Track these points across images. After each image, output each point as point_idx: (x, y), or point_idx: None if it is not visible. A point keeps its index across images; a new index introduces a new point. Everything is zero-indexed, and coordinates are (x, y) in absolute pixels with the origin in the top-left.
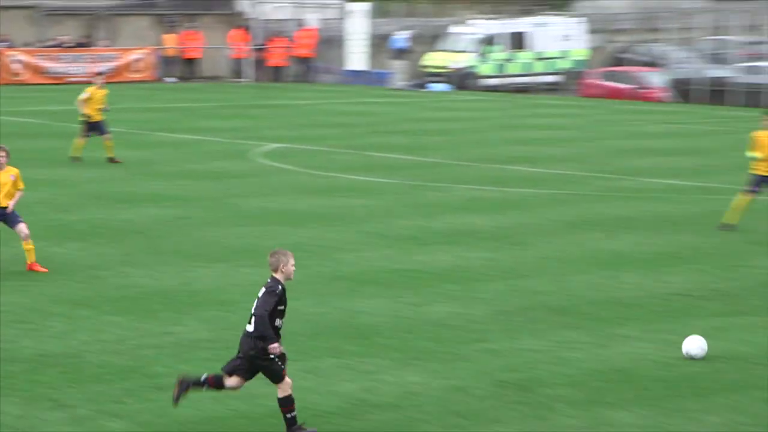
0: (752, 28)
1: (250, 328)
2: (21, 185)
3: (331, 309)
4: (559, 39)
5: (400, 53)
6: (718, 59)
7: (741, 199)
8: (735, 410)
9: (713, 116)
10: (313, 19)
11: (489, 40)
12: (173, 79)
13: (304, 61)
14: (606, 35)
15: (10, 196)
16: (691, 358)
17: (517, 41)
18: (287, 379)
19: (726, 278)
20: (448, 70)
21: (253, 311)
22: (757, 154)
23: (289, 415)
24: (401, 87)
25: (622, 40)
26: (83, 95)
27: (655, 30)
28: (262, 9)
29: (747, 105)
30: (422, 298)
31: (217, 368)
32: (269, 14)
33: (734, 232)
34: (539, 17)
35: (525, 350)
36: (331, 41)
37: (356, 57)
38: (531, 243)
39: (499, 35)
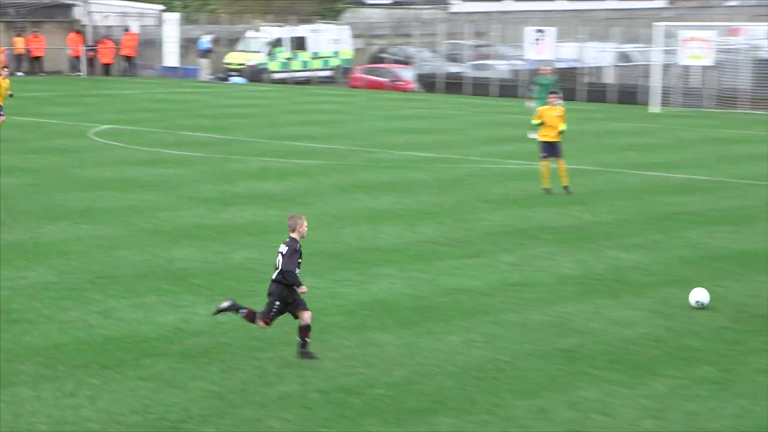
0: (479, 35)
1: (274, 275)
2: None
3: (153, 257)
4: (331, 42)
5: (205, 53)
6: (453, 58)
7: (542, 165)
8: (470, 331)
9: (451, 103)
10: (135, 26)
11: (276, 43)
12: (21, 73)
13: (128, 59)
14: (367, 39)
15: None
16: (702, 306)
17: (299, 44)
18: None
19: (462, 229)
20: (245, 67)
21: (281, 266)
22: (536, 122)
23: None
24: (207, 80)
25: (380, 43)
26: None
27: (405, 35)
28: (94, 17)
29: (476, 94)
30: (227, 247)
31: (63, 305)
32: (100, 21)
33: (468, 193)
34: (315, 25)
35: (308, 287)
36: (150, 43)
37: (170, 56)
38: (312, 203)
39: (285, 39)
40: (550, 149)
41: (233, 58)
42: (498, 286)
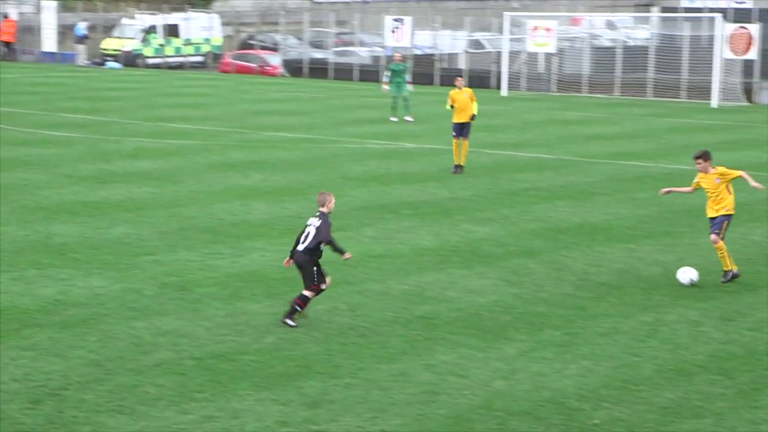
0: (341, 23)
1: (302, 247)
2: None
3: (33, 232)
4: (202, 29)
5: (82, 39)
6: (318, 45)
7: (454, 144)
8: (334, 300)
9: (316, 87)
10: (14, 12)
11: (150, 30)
12: None
13: (7, 44)
14: (236, 27)
15: None
16: (693, 283)
17: (171, 31)
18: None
19: None
20: (120, 52)
21: (322, 238)
22: (449, 106)
23: (298, 308)
24: (84, 65)
25: (248, 30)
26: None
27: (272, 23)
28: None
29: (339, 79)
30: (104, 223)
31: None
32: None
33: (332, 171)
34: (187, 13)
35: (182, 260)
36: (29, 29)
37: (48, 42)
38: (185, 181)
39: (158, 26)
40: (460, 129)
41: (109, 44)
42: (360, 258)
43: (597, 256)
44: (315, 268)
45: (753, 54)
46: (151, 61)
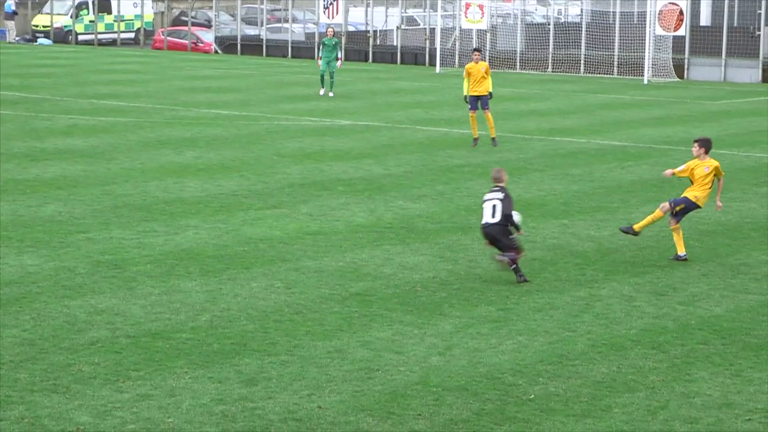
0: (273, 0)
1: (494, 220)
2: None
3: None
4: (134, 6)
5: (12, 15)
6: (251, 22)
7: (471, 118)
8: (270, 277)
9: (248, 64)
10: None
11: (81, 6)
12: None
13: None
14: (168, 3)
15: None
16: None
17: (104, 7)
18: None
19: (262, 182)
20: (51, 29)
21: (505, 211)
22: (468, 81)
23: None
24: (14, 41)
25: (180, 7)
26: None
27: (205, 0)
28: None
29: (272, 56)
30: (36, 201)
31: None
32: None
33: (267, 148)
34: None
35: (116, 238)
36: None
37: None
38: (118, 158)
39: (89, 2)
40: (476, 102)
41: (40, 21)
42: (296, 235)
43: (531, 231)
44: (510, 236)
45: (683, 30)
46: (82, 37)
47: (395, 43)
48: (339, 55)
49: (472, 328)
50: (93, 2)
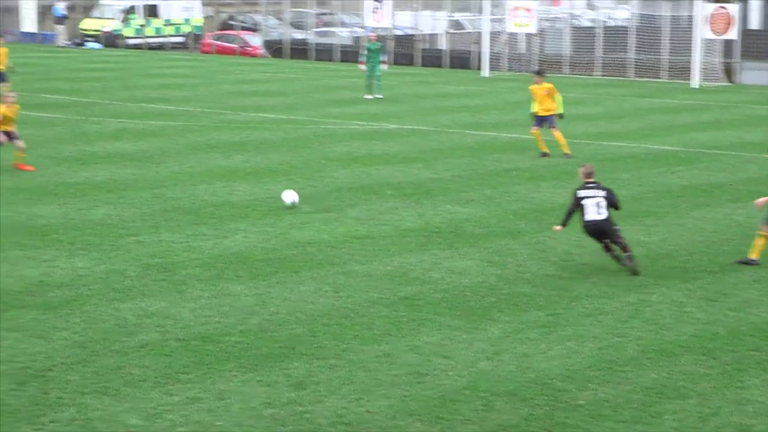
0: (322, 3)
1: (602, 216)
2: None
3: (16, 213)
4: (182, 10)
5: (61, 19)
6: (298, 26)
7: (535, 134)
8: (318, 281)
9: (297, 67)
10: None
11: (130, 10)
12: None
13: None
14: (216, 7)
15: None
16: (294, 204)
17: (151, 11)
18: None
19: (310, 185)
20: (100, 33)
21: (614, 206)
22: (535, 104)
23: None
24: (64, 45)
25: (229, 11)
26: None
27: (252, 3)
28: None
29: (319, 60)
30: (86, 204)
31: None
32: None
33: (315, 152)
34: None
35: (165, 241)
36: (8, 10)
37: (28, 22)
38: (167, 162)
39: (138, 6)
40: (540, 121)
41: (89, 25)
42: (344, 239)
43: (580, 237)
44: (614, 228)
45: (733, 34)
46: (131, 41)
47: (442, 47)
48: (384, 59)
49: (521, 333)
50: (142, 6)
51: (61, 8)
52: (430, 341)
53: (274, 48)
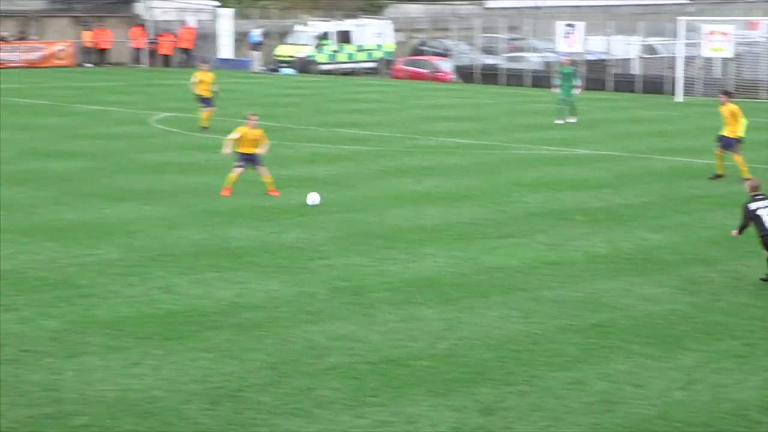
0: (512, 29)
1: None
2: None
3: (211, 236)
4: (374, 36)
5: (257, 46)
6: (489, 51)
7: (716, 156)
8: (507, 306)
9: (487, 93)
10: (192, 20)
11: (323, 36)
12: (89, 65)
13: (185, 51)
14: (408, 33)
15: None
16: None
17: (344, 37)
18: None
19: (499, 210)
20: (294, 59)
21: None
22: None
23: None
24: (258, 71)
25: (420, 36)
26: (194, 79)
27: (444, 29)
28: (154, 12)
29: (510, 84)
30: (279, 227)
31: (128, 281)
32: (159, 16)
33: (505, 177)
34: (359, 20)
35: (355, 265)
36: (206, 36)
37: (225, 48)
38: (358, 186)
39: (331, 32)
40: (724, 142)
41: (283, 51)
42: (534, 265)
43: None
44: None
45: None
46: (324, 67)
47: (635, 72)
48: (576, 83)
49: (715, 363)
50: (335, 33)
51: (256, 35)
52: (621, 369)
53: (465, 73)
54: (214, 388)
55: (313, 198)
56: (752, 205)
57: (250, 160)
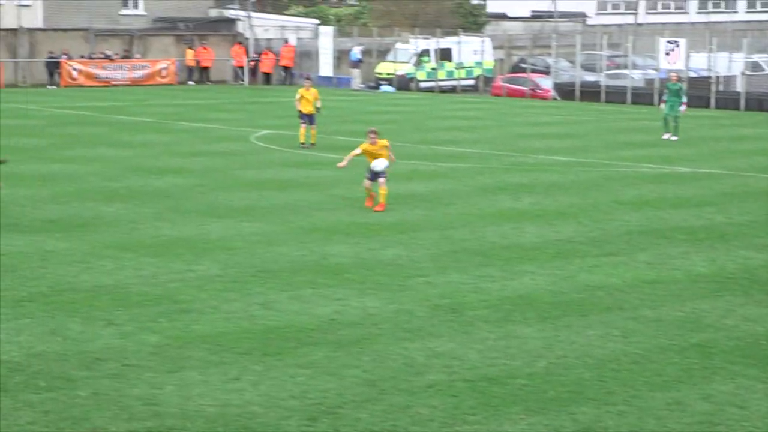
0: (612, 45)
1: None
2: (390, 156)
3: (309, 252)
4: (474, 53)
5: (357, 63)
6: (590, 68)
7: None
8: (607, 325)
9: (587, 110)
10: (293, 38)
11: (423, 54)
12: (191, 83)
13: (286, 69)
14: (507, 50)
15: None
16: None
17: (444, 54)
18: None
19: (599, 228)
20: (394, 76)
21: None
22: None
23: None
24: (359, 89)
25: (519, 54)
26: (297, 95)
27: (544, 46)
28: (255, 30)
29: (611, 102)
30: (377, 244)
31: (227, 296)
32: (261, 34)
33: (605, 195)
34: (459, 37)
35: (453, 282)
36: (307, 54)
37: (325, 66)
38: (456, 203)
39: (431, 50)
40: None
41: (383, 68)
42: (634, 283)
43: None
44: None
45: None
46: (423, 84)
47: (739, 89)
48: (683, 100)
49: None
50: (434, 50)
51: (357, 52)
52: (723, 390)
53: (565, 90)
54: (312, 405)
55: (380, 164)
56: None
57: (376, 174)
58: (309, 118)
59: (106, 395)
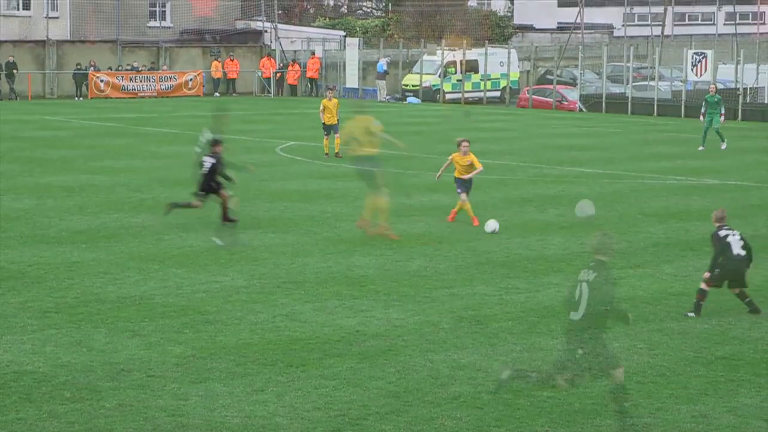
0: (639, 57)
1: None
2: (478, 165)
3: (334, 264)
4: (500, 65)
5: (383, 75)
6: (616, 80)
7: None
8: (633, 338)
9: (614, 122)
10: (319, 50)
11: (450, 65)
12: (218, 94)
13: (313, 81)
14: (533, 62)
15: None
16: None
17: (470, 66)
18: None
19: (625, 240)
20: (420, 88)
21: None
22: None
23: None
24: (385, 100)
25: (545, 65)
26: (321, 107)
27: (570, 58)
28: (282, 42)
29: (637, 114)
30: (402, 255)
31: (253, 307)
32: (287, 46)
33: (631, 207)
34: (486, 48)
35: (478, 294)
36: (333, 66)
37: (351, 78)
38: (482, 215)
39: (457, 62)
40: None
41: (409, 80)
42: (659, 296)
43: None
44: None
45: None
46: (449, 96)
47: (766, 101)
48: (722, 111)
49: None
50: (461, 62)
51: (383, 64)
52: (749, 403)
53: (591, 102)
54: (337, 416)
55: (492, 226)
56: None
57: (464, 185)
58: (332, 128)
59: (130, 406)
